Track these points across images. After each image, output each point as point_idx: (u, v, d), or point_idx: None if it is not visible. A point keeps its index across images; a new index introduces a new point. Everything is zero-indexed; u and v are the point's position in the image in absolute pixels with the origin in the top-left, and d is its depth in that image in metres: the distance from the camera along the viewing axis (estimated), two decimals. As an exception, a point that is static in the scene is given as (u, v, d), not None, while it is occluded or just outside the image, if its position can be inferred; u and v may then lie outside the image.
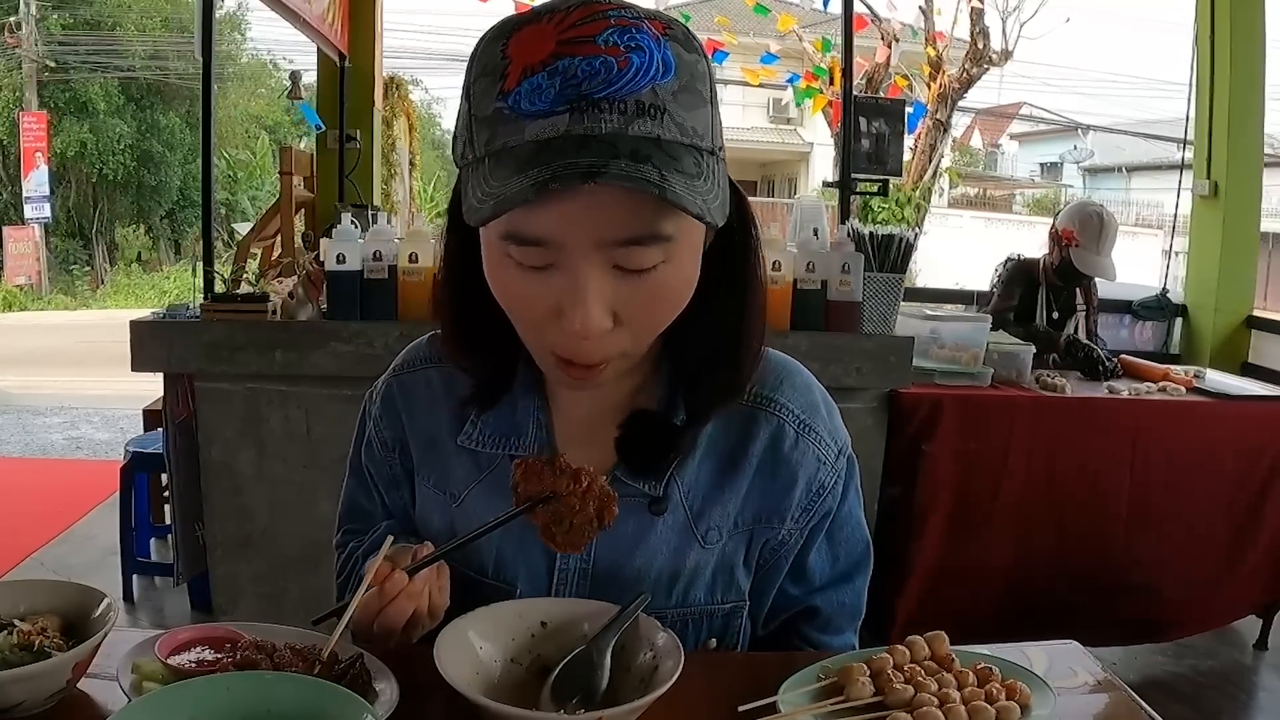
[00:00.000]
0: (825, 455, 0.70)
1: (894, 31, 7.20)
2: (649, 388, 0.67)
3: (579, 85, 0.50)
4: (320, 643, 0.62)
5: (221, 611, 1.97)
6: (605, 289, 0.54)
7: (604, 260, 0.54)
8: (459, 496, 0.70)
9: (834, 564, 0.73)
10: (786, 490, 0.69)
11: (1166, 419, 2.22)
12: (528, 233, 0.53)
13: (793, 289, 1.98)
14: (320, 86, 3.46)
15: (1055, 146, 16.21)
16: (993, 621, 2.15)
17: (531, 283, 0.55)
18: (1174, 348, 3.42)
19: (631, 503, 0.67)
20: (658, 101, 0.52)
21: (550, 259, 0.54)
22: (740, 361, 0.65)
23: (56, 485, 3.80)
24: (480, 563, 0.69)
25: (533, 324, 0.58)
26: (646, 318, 0.57)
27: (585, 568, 0.68)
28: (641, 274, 0.55)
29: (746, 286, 0.63)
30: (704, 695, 0.62)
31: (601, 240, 0.53)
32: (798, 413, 0.70)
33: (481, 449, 0.69)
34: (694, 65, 0.54)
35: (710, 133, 0.55)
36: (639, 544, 0.68)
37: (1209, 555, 2.25)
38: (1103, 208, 2.70)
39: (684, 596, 0.68)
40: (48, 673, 0.56)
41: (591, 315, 0.54)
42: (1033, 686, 0.61)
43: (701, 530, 0.68)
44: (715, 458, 0.68)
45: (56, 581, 0.65)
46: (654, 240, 0.54)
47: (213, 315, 1.87)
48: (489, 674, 0.64)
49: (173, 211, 13.13)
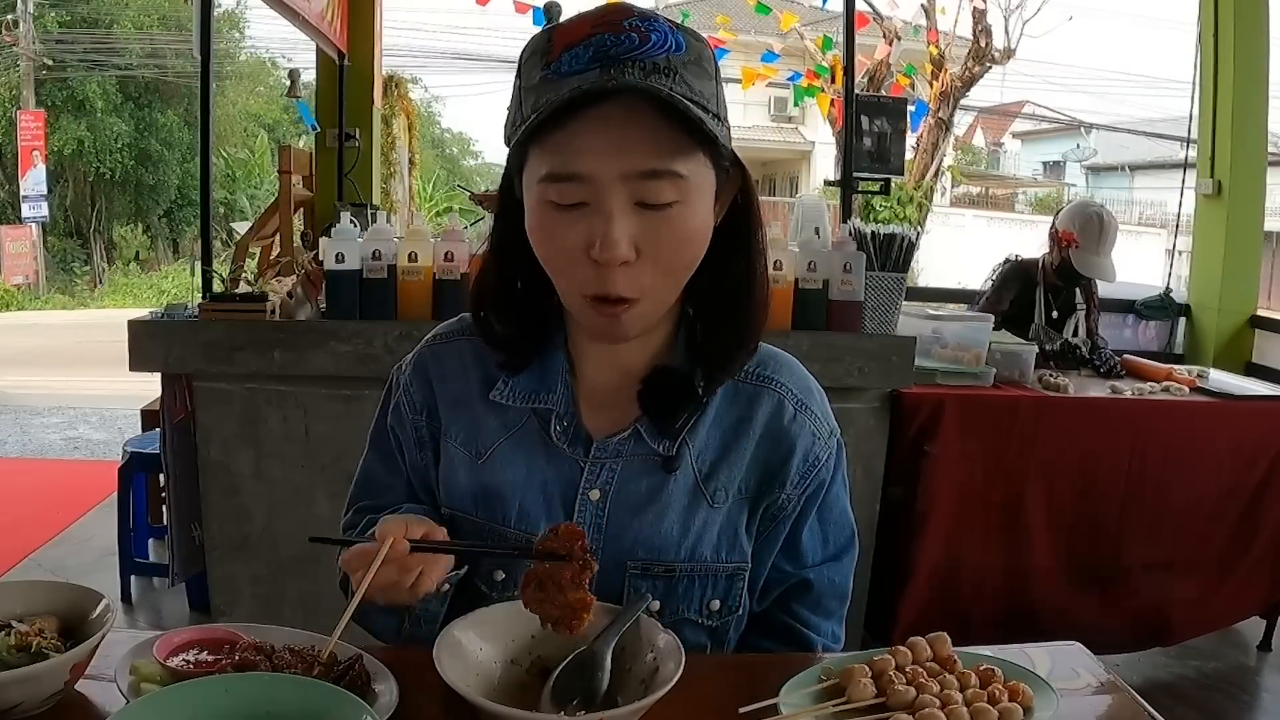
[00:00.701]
0: (819, 431, 0.78)
1: (896, 29, 7.19)
2: (667, 354, 0.75)
3: (608, 50, 0.62)
4: (319, 644, 0.62)
5: (220, 612, 1.96)
6: (629, 221, 0.63)
7: (627, 194, 0.63)
8: (485, 453, 0.75)
9: (824, 545, 0.80)
10: (785, 459, 0.76)
11: (1170, 419, 2.21)
12: (563, 169, 0.63)
13: (794, 288, 1.97)
14: (319, 85, 3.46)
15: (1058, 145, 16.18)
16: (995, 623, 2.14)
17: (567, 221, 0.64)
18: (1177, 347, 3.41)
19: (646, 462, 0.73)
20: (671, 66, 0.63)
21: (583, 196, 0.63)
22: (750, 321, 0.73)
23: (54, 486, 3.79)
24: (504, 513, 0.74)
25: (568, 264, 0.65)
26: (665, 252, 0.65)
27: (600, 522, 0.73)
28: (660, 210, 0.63)
29: (751, 252, 0.72)
30: (705, 697, 0.62)
31: (625, 172, 0.62)
32: (796, 392, 0.78)
33: (511, 404, 0.75)
34: (702, 49, 0.66)
35: (716, 101, 0.66)
36: (652, 500, 0.73)
37: (1213, 556, 2.24)
38: (1103, 208, 2.68)
39: (692, 552, 0.73)
40: (46, 674, 0.56)
41: (618, 242, 0.63)
42: (1035, 688, 0.61)
43: (710, 490, 0.74)
44: (722, 427, 0.75)
45: (54, 582, 0.65)
46: (670, 175, 0.63)
47: (211, 315, 1.86)
48: (489, 675, 0.64)
49: (171, 210, 13.12)
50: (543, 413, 0.75)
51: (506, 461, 0.75)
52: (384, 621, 0.74)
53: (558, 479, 0.74)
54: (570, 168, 0.63)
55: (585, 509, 0.73)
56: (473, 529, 0.75)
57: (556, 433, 0.74)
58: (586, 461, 0.74)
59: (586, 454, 0.74)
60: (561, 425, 0.74)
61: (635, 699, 0.58)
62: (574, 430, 0.74)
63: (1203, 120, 3.35)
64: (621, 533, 0.73)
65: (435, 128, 16.44)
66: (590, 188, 0.63)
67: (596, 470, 0.73)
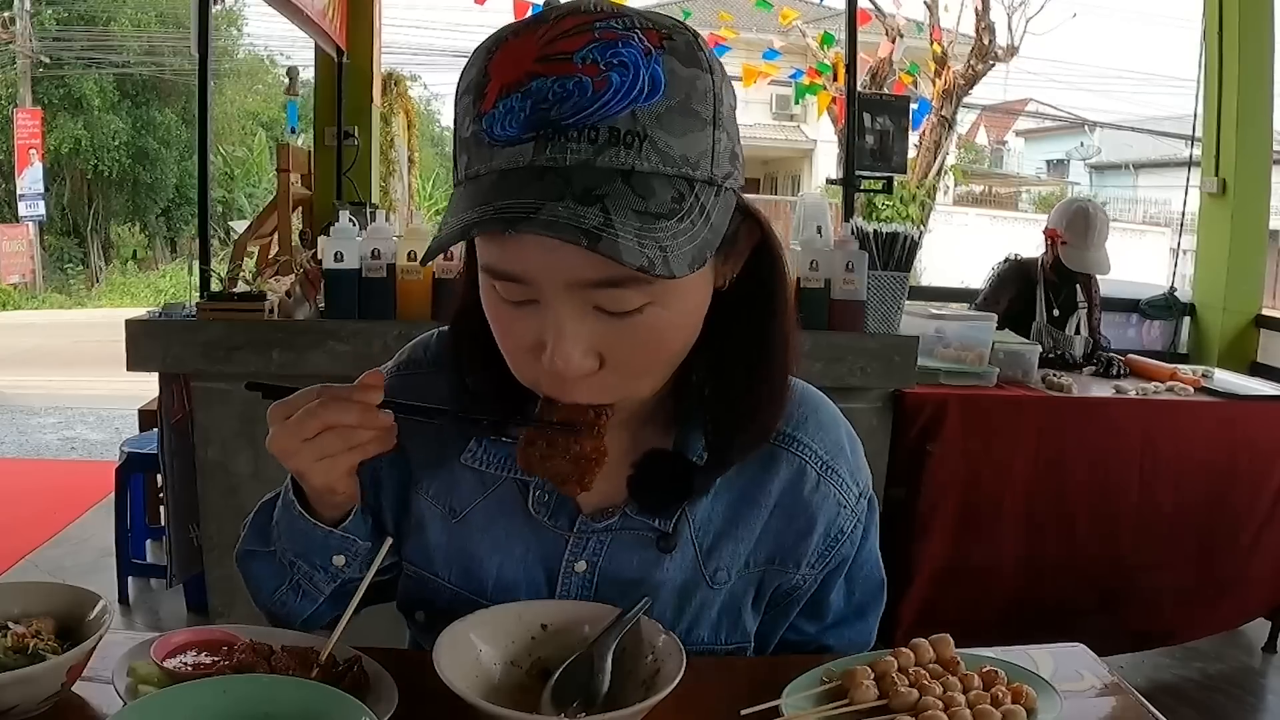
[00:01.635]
0: (846, 499, 0.68)
1: (898, 27, 7.17)
2: (664, 424, 0.64)
3: (548, 110, 0.47)
4: (318, 645, 0.62)
5: (218, 614, 1.94)
6: (584, 330, 0.52)
7: (582, 300, 0.51)
8: (459, 512, 0.67)
9: (849, 599, 0.72)
10: (804, 535, 0.67)
11: (1174, 419, 2.20)
12: (501, 268, 0.52)
13: (796, 288, 1.97)
14: (318, 83, 3.45)
15: (1062, 143, 16.15)
16: (998, 624, 2.13)
17: (516, 317, 0.54)
18: (1182, 347, 3.40)
19: (639, 537, 0.65)
20: (636, 127, 0.48)
21: (530, 295, 0.52)
22: (771, 401, 0.62)
23: (51, 486, 3.77)
24: (480, 584, 0.67)
25: (520, 357, 0.56)
26: (635, 361, 0.54)
27: (587, 597, 0.66)
28: (625, 315, 0.52)
29: (774, 319, 0.60)
30: (707, 699, 0.61)
31: (572, 281, 0.50)
32: (821, 453, 0.67)
33: (485, 469, 0.66)
34: (692, 81, 0.50)
35: (709, 159, 0.51)
36: (643, 580, 0.66)
37: (1218, 557, 2.23)
38: (1089, 203, 2.70)
39: (686, 636, 0.66)
40: (42, 676, 0.56)
41: (570, 357, 0.52)
42: (1039, 690, 0.61)
43: (710, 570, 0.66)
44: (730, 495, 0.66)
45: (51, 584, 0.65)
46: (632, 282, 0.50)
47: (209, 314, 1.85)
48: (488, 677, 0.63)
49: (168, 209, 13.03)
50: (521, 482, 0.65)
51: (484, 524, 0.66)
52: (267, 577, 0.66)
53: (540, 547, 0.66)
54: (508, 267, 0.51)
55: (570, 580, 0.66)
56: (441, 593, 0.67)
57: (534, 507, 0.65)
58: (571, 534, 0.66)
59: (570, 528, 0.65)
60: (544, 498, 0.65)
61: (636, 701, 0.57)
62: (555, 503, 0.65)
63: (1207, 118, 3.34)
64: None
65: (435, 126, 16.37)
66: (535, 289, 0.52)
67: (583, 543, 0.66)
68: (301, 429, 0.57)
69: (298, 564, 0.66)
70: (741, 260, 0.59)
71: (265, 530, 0.68)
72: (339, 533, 0.64)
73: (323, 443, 0.58)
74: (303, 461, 0.59)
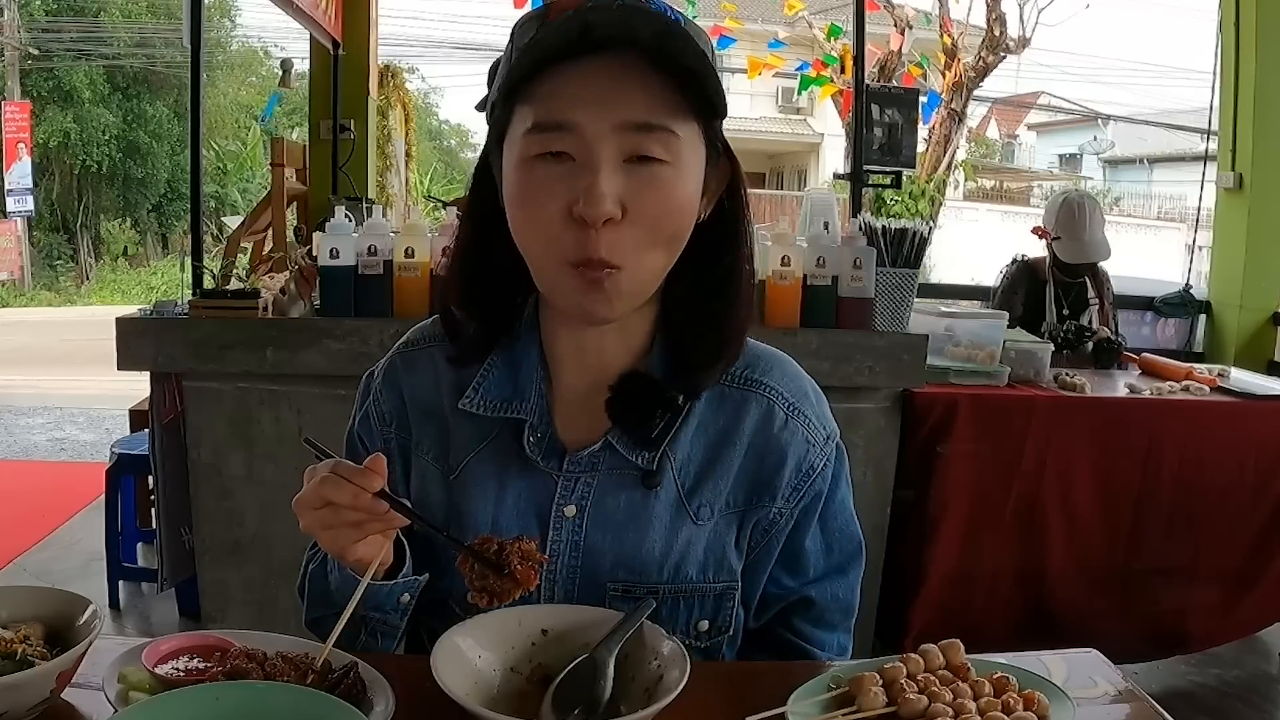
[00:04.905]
0: (814, 437, 0.73)
1: (907, 18, 7.12)
2: (643, 358, 0.70)
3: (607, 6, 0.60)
4: (313, 651, 0.61)
5: (210, 619, 1.92)
6: (616, 178, 0.60)
7: (617, 148, 0.60)
8: (456, 467, 0.72)
9: (828, 555, 0.75)
10: (776, 469, 0.72)
11: (1190, 419, 2.16)
12: (551, 119, 0.60)
13: (802, 285, 1.95)
14: (313, 75, 3.43)
15: (1074, 137, 16.01)
16: (1010, 630, 2.10)
17: (550, 177, 0.61)
18: (1197, 345, 3.37)
19: (624, 477, 0.69)
20: (675, 17, 0.61)
21: (569, 146, 0.60)
22: (733, 324, 0.69)
23: (40, 488, 3.69)
24: (477, 531, 0.68)
25: (547, 227, 0.62)
26: (652, 212, 0.62)
27: (577, 540, 0.69)
28: (649, 165, 0.61)
29: (737, 250, 0.68)
30: (711, 705, 0.61)
31: (617, 124, 0.60)
32: (787, 396, 0.73)
33: (482, 413, 0.71)
34: (701, 32, 0.63)
35: (716, 76, 0.62)
36: (631, 519, 0.69)
37: (1235, 561, 2.20)
38: (1071, 192, 2.70)
39: (675, 574, 0.70)
40: (31, 682, 0.55)
41: (603, 198, 0.59)
42: (1051, 697, 0.60)
43: (693, 506, 0.70)
44: (707, 437, 0.71)
45: (40, 588, 0.65)
46: (664, 131, 0.61)
47: (201, 312, 1.83)
48: (488, 683, 0.62)
49: (160, 205, 12.80)
50: (515, 423, 0.70)
51: (479, 476, 0.71)
52: (346, 635, 0.69)
53: (532, 494, 0.70)
54: (560, 115, 0.60)
55: (561, 525, 0.70)
56: (444, 547, 0.69)
57: (530, 444, 0.70)
58: (560, 475, 0.70)
59: (560, 467, 0.70)
60: (535, 436, 0.70)
61: (639, 708, 0.57)
62: (548, 441, 0.70)
63: (1224, 111, 3.30)
64: (600, 552, 0.69)
65: (432, 119, 16.31)
66: (578, 139, 0.60)
67: (571, 484, 0.70)
68: (310, 498, 0.63)
69: (369, 616, 0.69)
70: (715, 198, 0.68)
71: (326, 595, 0.71)
72: (400, 583, 0.69)
73: (324, 516, 0.62)
74: (312, 529, 0.64)
